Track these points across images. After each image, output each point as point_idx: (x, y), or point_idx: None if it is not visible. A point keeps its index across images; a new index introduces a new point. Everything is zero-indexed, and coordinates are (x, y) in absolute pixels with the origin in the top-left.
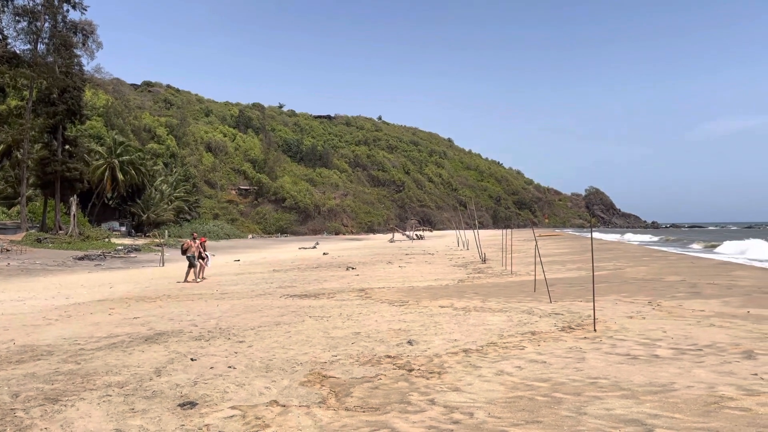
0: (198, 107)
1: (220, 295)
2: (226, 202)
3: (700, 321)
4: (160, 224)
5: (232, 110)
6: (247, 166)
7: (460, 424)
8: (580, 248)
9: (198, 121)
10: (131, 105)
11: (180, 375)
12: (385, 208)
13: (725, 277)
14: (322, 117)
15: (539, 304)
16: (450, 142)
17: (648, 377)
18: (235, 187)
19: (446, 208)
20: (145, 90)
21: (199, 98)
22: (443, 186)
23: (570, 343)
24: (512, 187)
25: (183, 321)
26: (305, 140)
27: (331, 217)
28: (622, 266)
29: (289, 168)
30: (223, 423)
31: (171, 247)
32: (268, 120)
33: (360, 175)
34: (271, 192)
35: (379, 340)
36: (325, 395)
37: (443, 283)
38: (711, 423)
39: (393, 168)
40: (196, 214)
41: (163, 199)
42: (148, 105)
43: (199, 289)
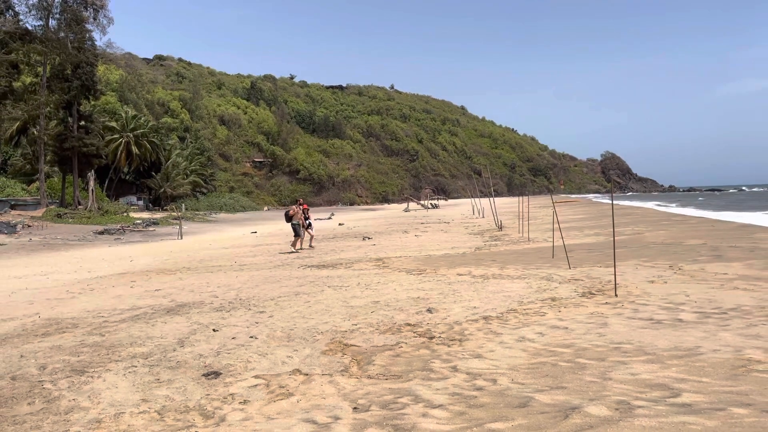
0: (210, 80)
1: (239, 267)
2: (241, 175)
3: (723, 284)
4: (176, 198)
5: (244, 82)
6: (260, 138)
7: (484, 391)
8: (598, 214)
9: (210, 94)
10: (144, 79)
11: (203, 345)
12: (399, 177)
13: (747, 239)
14: (334, 87)
15: (558, 270)
16: (463, 109)
17: (672, 341)
18: (250, 159)
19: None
20: (157, 64)
21: (210, 71)
22: (457, 154)
23: (591, 309)
24: (527, 153)
25: (203, 293)
26: (318, 111)
27: (346, 187)
28: (641, 231)
29: (303, 139)
30: (247, 392)
31: (188, 221)
32: (280, 92)
33: (373, 145)
34: (286, 164)
35: (398, 308)
36: (347, 363)
37: (460, 251)
38: (740, 386)
39: (406, 137)
40: (212, 187)
41: (179, 173)
42: (161, 79)
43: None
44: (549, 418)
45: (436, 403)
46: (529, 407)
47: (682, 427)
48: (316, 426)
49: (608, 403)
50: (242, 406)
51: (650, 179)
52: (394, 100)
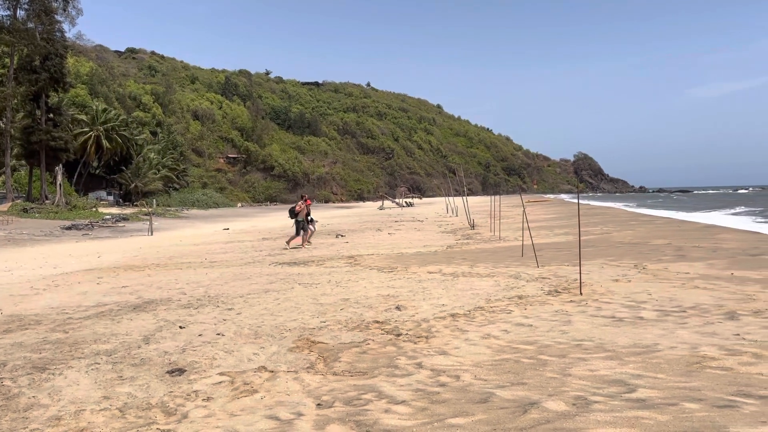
0: (183, 74)
1: (210, 264)
2: (215, 171)
3: (684, 283)
4: (147, 193)
5: (218, 77)
6: (234, 134)
7: (447, 387)
8: (568, 213)
9: (184, 88)
10: (115, 72)
11: (168, 342)
12: (375, 175)
13: (710, 240)
14: (310, 84)
15: (527, 269)
16: (439, 108)
17: (632, 339)
18: (223, 155)
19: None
20: (129, 57)
21: (184, 65)
22: (432, 153)
23: (556, 307)
24: (501, 153)
25: (172, 289)
26: (293, 107)
27: (321, 185)
28: (609, 230)
29: (278, 136)
30: (211, 389)
31: (159, 217)
32: (255, 87)
33: (349, 143)
34: (260, 160)
35: (367, 306)
36: (314, 360)
37: (432, 249)
38: (693, 382)
39: (382, 135)
40: (184, 182)
41: (150, 168)
42: (133, 72)
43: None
44: (508, 413)
45: (399, 399)
46: (490, 403)
47: (635, 422)
48: (279, 422)
49: (566, 398)
50: (205, 403)
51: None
52: (370, 98)
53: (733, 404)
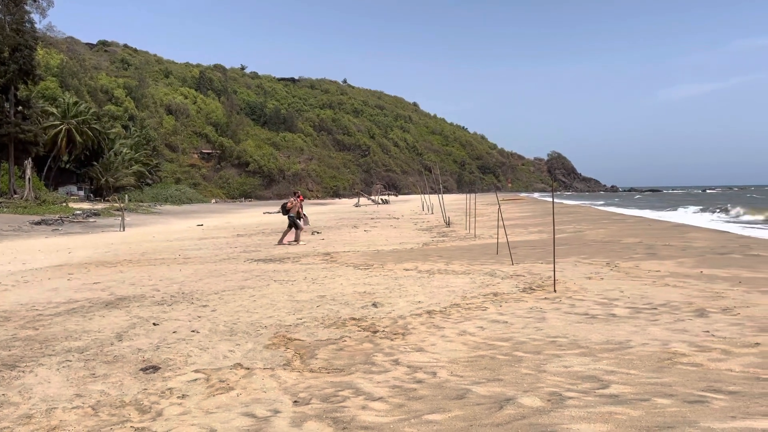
0: (157, 68)
1: (183, 260)
2: (188, 166)
3: (655, 281)
4: (119, 188)
5: (192, 71)
6: (209, 129)
7: (424, 383)
8: (542, 212)
9: (157, 82)
10: (87, 65)
11: (142, 340)
12: (351, 172)
13: (680, 238)
14: (286, 79)
15: (501, 267)
16: (416, 106)
17: (605, 335)
18: (197, 150)
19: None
20: (101, 50)
21: (158, 59)
22: (408, 150)
23: (531, 304)
24: (476, 151)
25: (145, 286)
26: (269, 103)
27: (296, 181)
28: (582, 229)
29: (253, 132)
30: (186, 386)
31: (131, 212)
32: (230, 82)
33: (325, 140)
34: (235, 156)
35: (344, 303)
36: (290, 357)
37: (408, 246)
38: (664, 378)
39: (358, 132)
40: (157, 178)
41: (122, 163)
42: (105, 65)
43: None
44: (484, 409)
45: (376, 396)
46: (466, 399)
47: (609, 417)
48: (255, 420)
49: (541, 394)
50: (180, 401)
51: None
52: (346, 95)
53: (703, 399)
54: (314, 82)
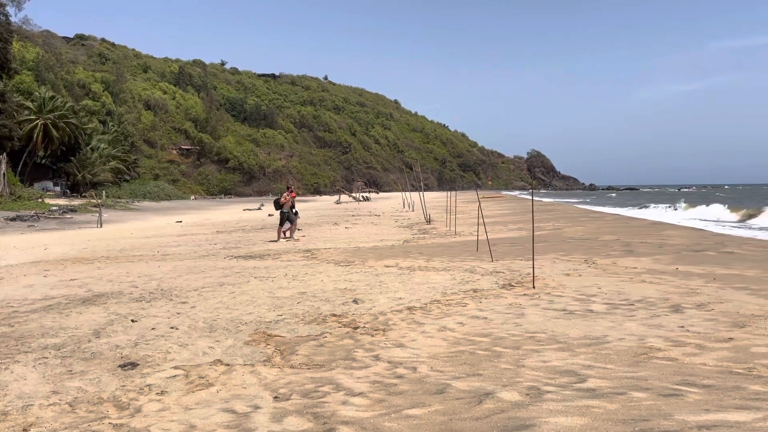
0: (135, 63)
1: (162, 257)
2: (167, 162)
3: (632, 278)
4: (97, 184)
5: (171, 66)
6: (188, 125)
7: (404, 379)
8: (522, 209)
9: (136, 77)
10: (63, 59)
11: (120, 336)
12: (332, 169)
13: (657, 236)
14: (267, 76)
15: (481, 263)
16: (397, 103)
17: (583, 331)
18: (176, 146)
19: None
20: (78, 44)
21: (136, 53)
22: (390, 148)
23: (510, 300)
24: (457, 149)
25: (123, 283)
26: (249, 99)
27: (277, 178)
28: (560, 226)
29: (233, 128)
30: (165, 383)
31: (109, 208)
32: (209, 78)
33: (306, 136)
34: (214, 152)
35: (324, 299)
36: (270, 353)
37: (389, 243)
38: (640, 372)
39: (339, 129)
40: (135, 174)
41: (100, 159)
42: (82, 59)
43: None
44: (464, 403)
45: (356, 391)
46: (446, 394)
47: (586, 411)
48: (236, 415)
49: (520, 388)
50: (159, 397)
51: (572, 177)
52: (327, 92)
53: (678, 393)
54: (295, 79)
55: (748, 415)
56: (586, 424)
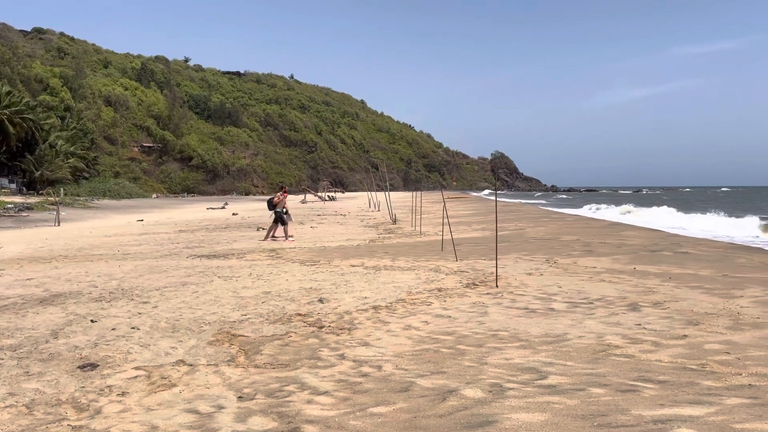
0: (95, 58)
1: (122, 256)
2: (128, 160)
3: (592, 277)
4: (54, 182)
5: (133, 62)
6: (150, 122)
7: (369, 377)
8: (485, 210)
9: (96, 72)
10: (20, 53)
11: (79, 337)
12: (297, 168)
13: (615, 236)
14: (231, 73)
15: (446, 263)
16: (363, 103)
17: (544, 329)
18: (138, 144)
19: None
20: (35, 37)
21: (96, 48)
22: (356, 148)
23: (474, 299)
24: (422, 150)
25: (82, 282)
26: (213, 97)
27: (241, 177)
28: (523, 227)
29: (196, 125)
30: (126, 384)
31: (67, 206)
32: (173, 74)
33: (271, 135)
34: (177, 150)
35: (289, 299)
36: (234, 353)
37: (354, 243)
38: (599, 369)
39: (305, 128)
40: (95, 171)
41: (57, 156)
42: (40, 54)
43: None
44: (428, 401)
45: (321, 390)
46: (411, 391)
47: (547, 406)
48: (199, 416)
49: (483, 385)
50: (120, 398)
51: (535, 179)
52: (293, 90)
53: (635, 389)
54: (260, 77)
55: (701, 409)
56: (547, 419)
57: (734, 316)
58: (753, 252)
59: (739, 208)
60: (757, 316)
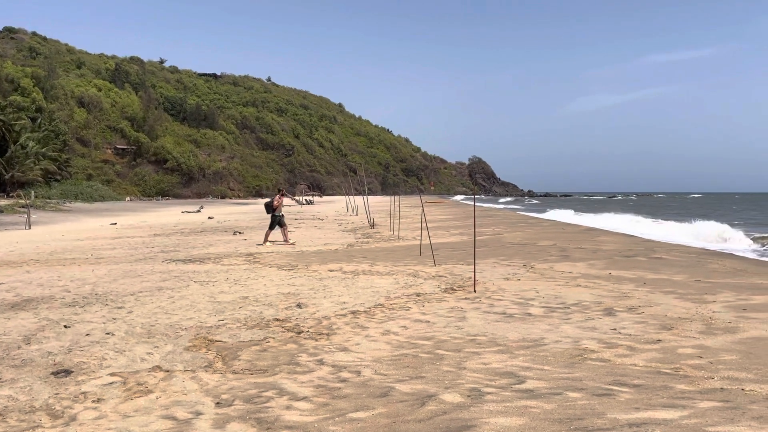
0: (68, 58)
1: (96, 260)
2: (101, 162)
3: (568, 282)
4: (25, 184)
5: (107, 63)
6: (124, 123)
7: (348, 382)
8: (463, 215)
9: (69, 73)
10: None
11: (52, 342)
12: (274, 172)
13: (591, 242)
14: (208, 75)
15: (424, 268)
16: (341, 107)
17: (521, 333)
18: (112, 146)
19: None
20: (6, 37)
21: (69, 48)
22: (333, 151)
23: (452, 304)
24: (401, 154)
25: (54, 287)
26: (189, 99)
27: (217, 180)
28: (500, 232)
29: (171, 128)
30: (101, 390)
31: (38, 209)
32: (148, 76)
33: (248, 138)
34: (151, 152)
35: (267, 304)
36: (212, 359)
37: (333, 247)
38: (575, 373)
39: (282, 131)
40: (67, 174)
41: (28, 157)
42: (11, 53)
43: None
44: (407, 406)
45: (300, 396)
46: (390, 396)
47: (524, 411)
48: (176, 422)
49: (461, 390)
50: (96, 405)
51: (512, 184)
52: (271, 93)
53: (610, 393)
54: (237, 79)
55: (674, 413)
56: (525, 423)
57: (707, 321)
58: (725, 258)
59: (693, 214)
60: (728, 321)
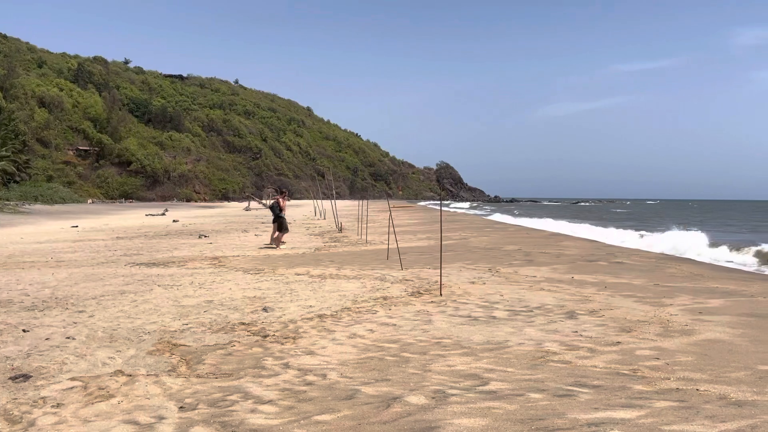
0: (29, 57)
1: (56, 263)
2: (63, 164)
3: (532, 286)
4: None
5: (70, 63)
6: (87, 124)
7: (314, 385)
8: (431, 219)
9: (29, 72)
10: None
11: (10, 347)
12: (241, 175)
13: (555, 246)
14: (174, 77)
15: (391, 271)
16: (309, 111)
17: (486, 336)
18: (73, 147)
19: (304, 177)
20: None
21: (30, 47)
22: (301, 155)
23: (418, 307)
24: (369, 158)
25: (12, 290)
26: (154, 101)
27: (183, 183)
28: (467, 236)
29: (136, 129)
30: (61, 395)
31: None
32: (112, 76)
33: (214, 140)
34: (115, 154)
35: (233, 308)
36: (175, 363)
37: (300, 251)
38: (537, 375)
39: (250, 134)
40: (26, 175)
41: None
42: None
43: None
44: (372, 408)
45: (265, 399)
46: (355, 399)
47: (488, 412)
48: (139, 427)
49: (426, 392)
50: (55, 410)
51: (479, 189)
52: (238, 95)
53: (571, 393)
54: (204, 81)
55: (632, 412)
56: (488, 424)
57: (664, 324)
58: (682, 262)
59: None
60: (685, 324)
